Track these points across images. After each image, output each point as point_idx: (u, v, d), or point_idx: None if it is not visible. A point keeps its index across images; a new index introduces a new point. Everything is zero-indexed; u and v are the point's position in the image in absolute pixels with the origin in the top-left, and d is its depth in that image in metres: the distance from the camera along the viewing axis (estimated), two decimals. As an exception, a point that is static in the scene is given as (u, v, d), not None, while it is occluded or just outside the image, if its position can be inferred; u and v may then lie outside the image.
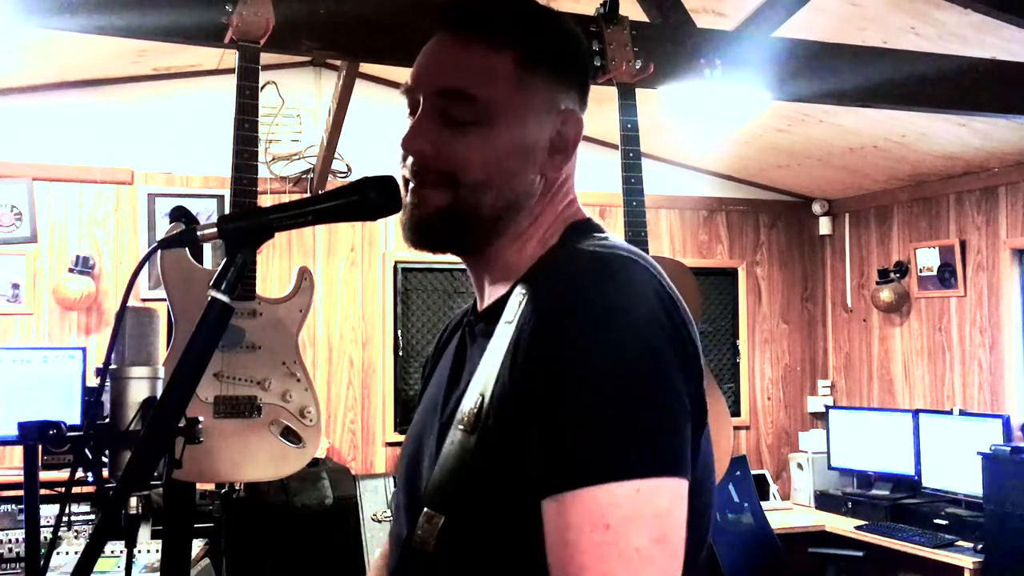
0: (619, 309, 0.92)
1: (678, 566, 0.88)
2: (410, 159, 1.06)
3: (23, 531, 1.72)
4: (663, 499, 0.88)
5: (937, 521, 4.48)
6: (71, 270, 4.36)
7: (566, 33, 1.10)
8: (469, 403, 0.99)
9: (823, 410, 5.44)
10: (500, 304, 1.05)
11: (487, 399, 0.97)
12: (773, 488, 5.31)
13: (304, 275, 2.70)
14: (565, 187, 1.12)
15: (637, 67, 2.63)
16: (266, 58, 2.50)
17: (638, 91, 2.69)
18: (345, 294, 4.86)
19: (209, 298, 1.00)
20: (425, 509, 0.99)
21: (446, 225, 1.05)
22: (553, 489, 0.88)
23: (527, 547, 0.92)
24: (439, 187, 1.04)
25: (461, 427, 0.98)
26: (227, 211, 2.97)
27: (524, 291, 1.00)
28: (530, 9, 1.09)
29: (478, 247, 1.08)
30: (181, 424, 1.54)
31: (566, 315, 0.93)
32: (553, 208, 1.10)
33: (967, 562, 4.07)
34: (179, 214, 2.71)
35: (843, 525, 4.77)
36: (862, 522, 4.76)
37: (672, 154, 5.28)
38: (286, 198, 4.41)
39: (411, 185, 1.06)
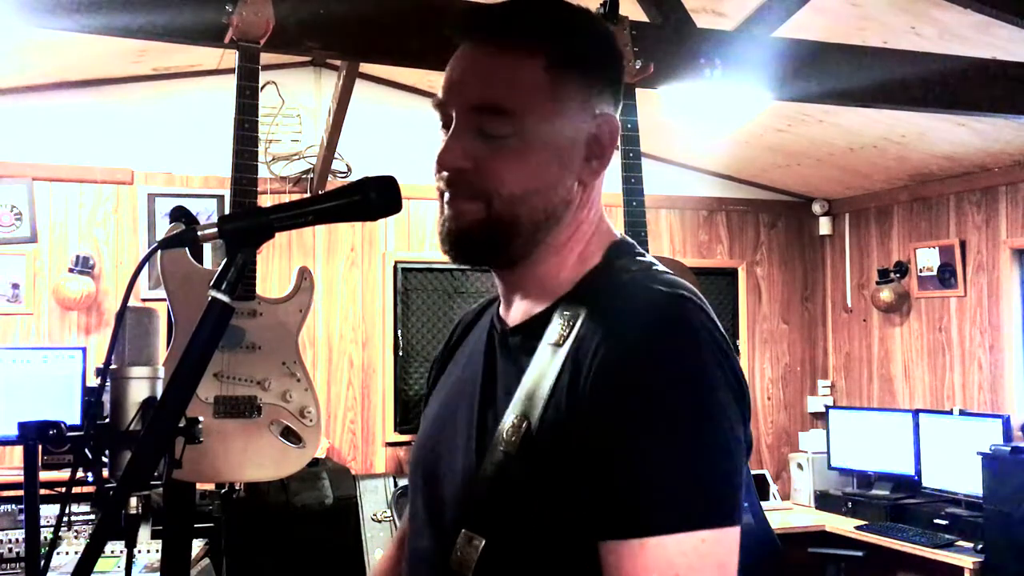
0: (688, 357, 0.92)
1: None
2: (445, 172, 1.03)
3: (23, 531, 1.72)
4: (724, 548, 0.90)
5: (937, 521, 4.47)
6: (71, 270, 4.36)
7: (597, 33, 1.07)
8: (510, 423, 0.97)
9: (823, 410, 5.44)
10: (539, 321, 1.03)
11: (535, 423, 0.95)
12: (773, 488, 5.30)
13: (304, 275, 2.70)
14: (598, 197, 1.09)
15: (637, 67, 2.63)
16: (266, 58, 2.50)
17: (638, 91, 2.69)
18: (345, 294, 4.85)
19: (209, 298, 0.99)
20: (463, 531, 0.98)
21: (484, 237, 1.03)
22: (619, 533, 0.89)
23: (572, 574, 0.93)
24: (475, 199, 1.02)
25: (503, 448, 0.97)
26: (227, 211, 2.97)
27: (573, 314, 0.99)
28: (559, 11, 1.05)
29: (516, 259, 1.05)
30: (181, 424, 1.54)
31: (638, 358, 0.92)
32: (590, 220, 1.07)
33: (967, 562, 4.07)
34: (179, 214, 2.70)
35: (843, 525, 4.77)
36: (862, 522, 4.76)
37: (672, 154, 5.28)
38: (286, 198, 4.41)
39: (446, 197, 1.04)
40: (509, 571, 0.96)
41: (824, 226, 5.73)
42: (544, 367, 0.97)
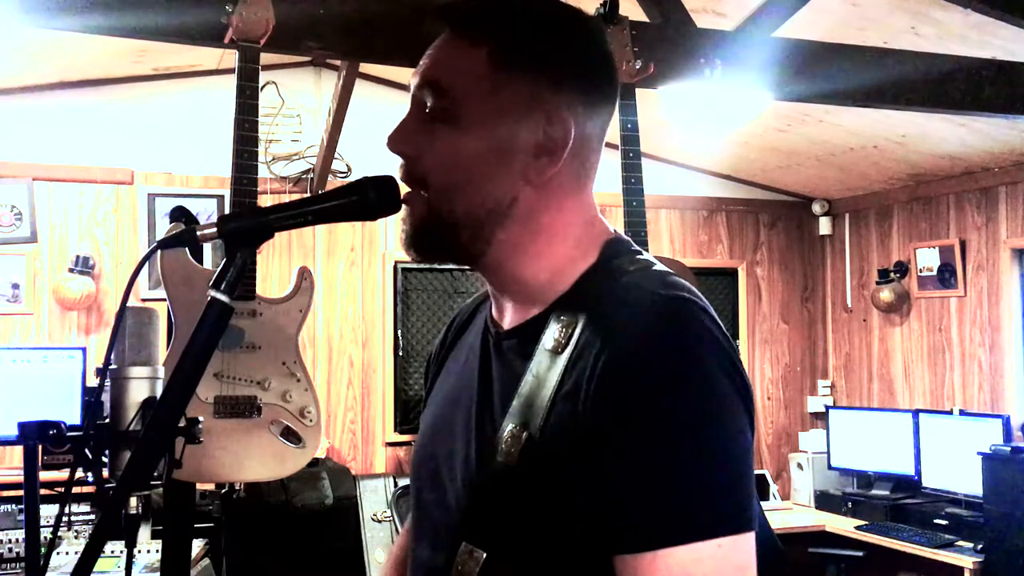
0: (692, 363, 0.90)
1: None
2: (400, 160, 1.04)
3: (23, 531, 1.72)
4: (741, 553, 0.88)
5: (937, 521, 4.48)
6: (71, 270, 4.36)
7: (559, 30, 1.02)
8: (508, 432, 0.96)
9: (823, 410, 5.44)
10: (534, 325, 1.01)
11: (535, 433, 0.94)
12: (773, 488, 5.30)
13: (304, 275, 2.70)
14: (577, 197, 1.04)
15: (637, 67, 2.63)
16: (266, 58, 2.50)
17: (638, 91, 2.69)
18: (345, 294, 4.86)
19: (209, 298, 0.99)
20: (464, 543, 0.96)
21: (428, 233, 1.02)
22: (631, 547, 0.87)
23: None
24: (418, 194, 1.02)
25: (501, 459, 0.95)
26: (227, 211, 2.97)
27: (570, 319, 0.97)
28: (518, 6, 1.03)
29: (475, 254, 1.03)
30: (181, 424, 1.54)
31: (641, 366, 0.90)
32: (566, 220, 1.03)
33: (967, 562, 4.07)
34: (179, 214, 2.70)
35: (843, 525, 4.77)
36: (862, 522, 4.76)
37: (672, 154, 5.28)
38: (286, 198, 4.41)
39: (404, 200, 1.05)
40: None
41: (824, 226, 5.73)
42: (543, 374, 0.95)
